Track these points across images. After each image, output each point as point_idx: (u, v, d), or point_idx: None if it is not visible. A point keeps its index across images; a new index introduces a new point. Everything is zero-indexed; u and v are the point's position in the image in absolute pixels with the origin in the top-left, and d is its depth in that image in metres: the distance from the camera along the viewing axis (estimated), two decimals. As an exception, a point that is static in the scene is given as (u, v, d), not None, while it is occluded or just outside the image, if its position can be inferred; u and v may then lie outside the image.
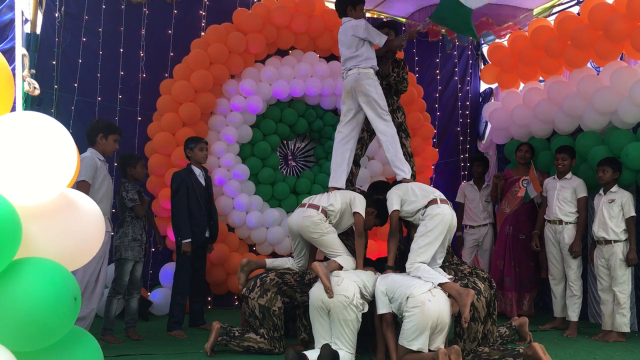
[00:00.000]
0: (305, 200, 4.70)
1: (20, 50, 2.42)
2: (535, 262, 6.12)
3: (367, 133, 5.33)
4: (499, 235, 6.36)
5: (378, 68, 5.05)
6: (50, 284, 2.01)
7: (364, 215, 4.56)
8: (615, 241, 5.08)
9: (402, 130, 5.23)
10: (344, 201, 4.57)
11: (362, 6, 5.21)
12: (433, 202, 4.37)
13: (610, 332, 5.10)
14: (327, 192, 4.81)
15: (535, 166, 6.10)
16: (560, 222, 5.47)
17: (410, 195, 4.48)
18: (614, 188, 5.17)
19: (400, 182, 4.78)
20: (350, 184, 5.13)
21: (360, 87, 4.88)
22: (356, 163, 5.25)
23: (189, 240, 5.04)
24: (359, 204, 4.57)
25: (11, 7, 5.19)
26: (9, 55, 4.73)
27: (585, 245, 5.65)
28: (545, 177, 5.93)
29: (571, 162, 5.54)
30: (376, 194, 5.03)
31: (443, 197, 4.47)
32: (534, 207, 6.09)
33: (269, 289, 4.43)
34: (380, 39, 5.03)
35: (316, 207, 4.51)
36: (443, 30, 7.35)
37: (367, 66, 4.92)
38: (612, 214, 5.11)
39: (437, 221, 4.25)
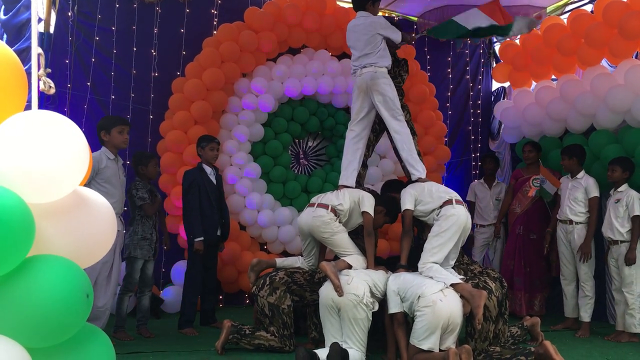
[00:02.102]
0: (314, 200, 4.69)
1: (35, 50, 2.44)
2: (547, 261, 6.08)
3: (373, 134, 5.28)
4: (509, 235, 6.32)
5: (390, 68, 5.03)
6: (62, 281, 2.03)
7: (372, 214, 4.55)
8: (621, 241, 5.05)
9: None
10: (352, 200, 4.56)
11: (379, 3, 5.20)
12: (448, 202, 4.35)
13: (622, 332, 5.07)
14: (337, 190, 4.80)
15: (543, 164, 6.09)
16: (571, 222, 5.44)
17: (426, 196, 4.46)
18: (622, 187, 5.12)
19: (416, 181, 4.76)
20: (359, 185, 5.10)
21: (377, 85, 4.85)
22: (363, 164, 5.21)
23: (201, 238, 5.06)
24: (368, 203, 4.56)
25: (28, 7, 5.24)
26: (26, 54, 4.78)
27: (602, 245, 5.60)
28: (557, 176, 5.90)
29: (572, 161, 5.46)
30: (390, 192, 5.02)
31: (458, 197, 4.44)
32: (545, 207, 6.06)
33: (278, 287, 4.45)
34: (397, 35, 5.00)
35: (325, 207, 4.50)
36: None
37: (383, 65, 4.90)
38: (617, 213, 5.08)
39: (452, 222, 4.23)
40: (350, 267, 4.32)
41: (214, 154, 5.29)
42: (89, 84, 5.93)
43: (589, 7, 6.43)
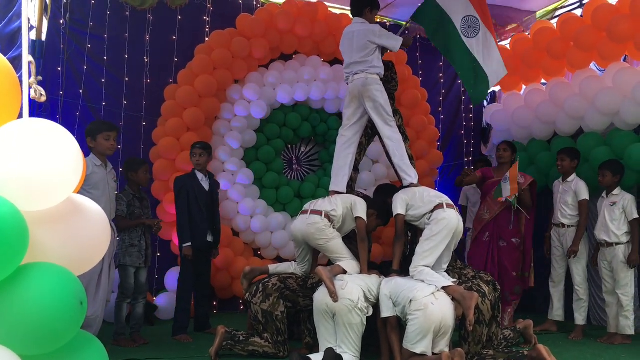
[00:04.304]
0: (307, 206, 4.70)
1: (26, 57, 2.45)
2: (517, 271, 5.67)
3: (365, 138, 5.29)
4: (475, 242, 5.87)
5: (383, 75, 5.03)
6: (56, 289, 2.03)
7: (365, 219, 4.57)
8: (616, 244, 5.09)
9: (400, 133, 5.19)
10: (345, 206, 4.58)
11: (377, 11, 5.22)
12: (439, 206, 4.38)
13: (615, 334, 5.10)
14: (328, 196, 4.81)
15: (531, 166, 6.05)
16: (563, 225, 5.47)
17: (417, 200, 4.49)
18: (616, 191, 5.17)
19: (408, 186, 4.78)
20: (350, 189, 5.12)
21: (368, 92, 4.87)
22: (355, 168, 5.22)
23: (189, 244, 5.06)
24: (360, 208, 4.58)
25: (20, 15, 5.23)
26: (18, 62, 4.77)
27: (591, 248, 5.64)
28: (528, 180, 5.67)
29: (571, 164, 5.49)
30: (382, 197, 5.04)
31: (449, 201, 4.47)
32: (516, 212, 5.71)
33: (271, 294, 4.45)
34: (396, 42, 4.95)
35: (319, 213, 4.51)
36: None
37: (374, 72, 4.91)
38: (613, 216, 5.12)
39: (443, 226, 4.26)
40: (345, 272, 4.34)
41: (195, 159, 5.24)
42: (81, 91, 5.93)
43: (578, 12, 6.49)
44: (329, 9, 6.88)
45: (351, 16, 5.25)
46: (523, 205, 5.63)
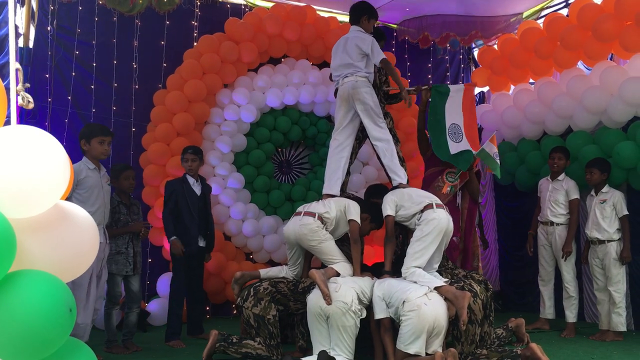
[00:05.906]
0: (300, 209, 4.70)
1: (14, 65, 2.44)
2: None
3: (356, 141, 5.30)
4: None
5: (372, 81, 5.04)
6: (45, 296, 2.02)
7: (359, 221, 4.58)
8: (608, 241, 5.12)
9: (391, 135, 5.20)
10: (338, 209, 4.59)
11: (374, 21, 5.22)
12: (429, 207, 4.39)
13: (607, 331, 5.13)
14: (321, 199, 4.81)
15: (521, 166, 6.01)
16: (552, 223, 5.50)
17: (406, 201, 4.50)
18: (605, 188, 5.21)
19: (397, 187, 4.80)
20: (342, 192, 5.12)
21: (358, 94, 4.88)
22: (347, 172, 5.23)
23: (174, 237, 5.02)
24: (354, 211, 4.59)
25: (7, 22, 5.22)
26: (5, 69, 4.75)
27: (579, 246, 5.67)
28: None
29: (566, 163, 5.54)
30: (372, 197, 5.05)
31: (439, 202, 4.49)
32: (457, 207, 5.44)
33: (263, 298, 4.44)
34: (379, 56, 4.91)
35: (312, 215, 4.51)
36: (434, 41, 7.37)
37: (363, 75, 4.92)
38: (604, 214, 5.15)
39: (433, 226, 4.27)
40: (338, 274, 4.34)
41: (188, 165, 5.23)
42: (69, 97, 5.90)
43: (564, 12, 6.54)
44: (317, 12, 6.89)
45: (350, 24, 5.24)
46: (471, 192, 5.40)
